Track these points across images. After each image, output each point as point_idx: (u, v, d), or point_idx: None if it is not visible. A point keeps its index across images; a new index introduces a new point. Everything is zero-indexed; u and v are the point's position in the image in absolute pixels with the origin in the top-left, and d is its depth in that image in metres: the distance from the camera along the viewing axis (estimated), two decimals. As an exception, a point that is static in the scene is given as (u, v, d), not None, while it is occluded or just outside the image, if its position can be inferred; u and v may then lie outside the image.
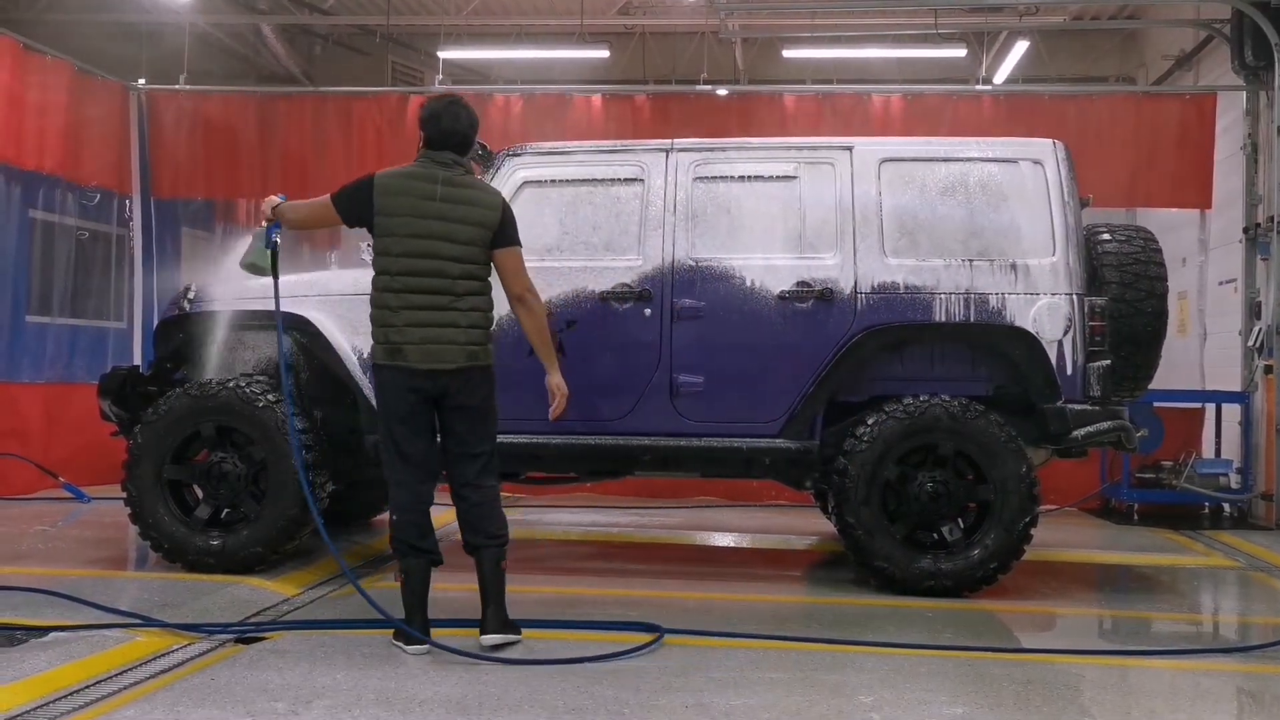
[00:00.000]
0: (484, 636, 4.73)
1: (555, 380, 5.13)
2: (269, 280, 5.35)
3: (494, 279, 4.96)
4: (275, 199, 5.19)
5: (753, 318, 6.12)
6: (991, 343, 6.18)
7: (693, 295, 6.16)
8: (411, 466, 4.86)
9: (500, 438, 6.15)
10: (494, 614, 4.77)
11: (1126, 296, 6.32)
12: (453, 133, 4.87)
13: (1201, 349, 11.16)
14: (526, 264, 6.18)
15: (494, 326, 4.98)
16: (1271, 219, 9.48)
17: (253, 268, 5.21)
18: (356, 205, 4.91)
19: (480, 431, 4.90)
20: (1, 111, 9.10)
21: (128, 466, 6.17)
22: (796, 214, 6.21)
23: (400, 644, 4.72)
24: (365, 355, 6.32)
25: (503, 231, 4.87)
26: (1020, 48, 12.43)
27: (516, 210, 6.27)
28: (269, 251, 5.14)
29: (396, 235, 4.78)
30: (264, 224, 5.17)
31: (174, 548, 6.09)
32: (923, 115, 10.30)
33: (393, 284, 4.78)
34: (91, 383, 7.17)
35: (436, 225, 4.77)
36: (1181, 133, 10.14)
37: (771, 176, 6.29)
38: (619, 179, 6.33)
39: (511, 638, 4.76)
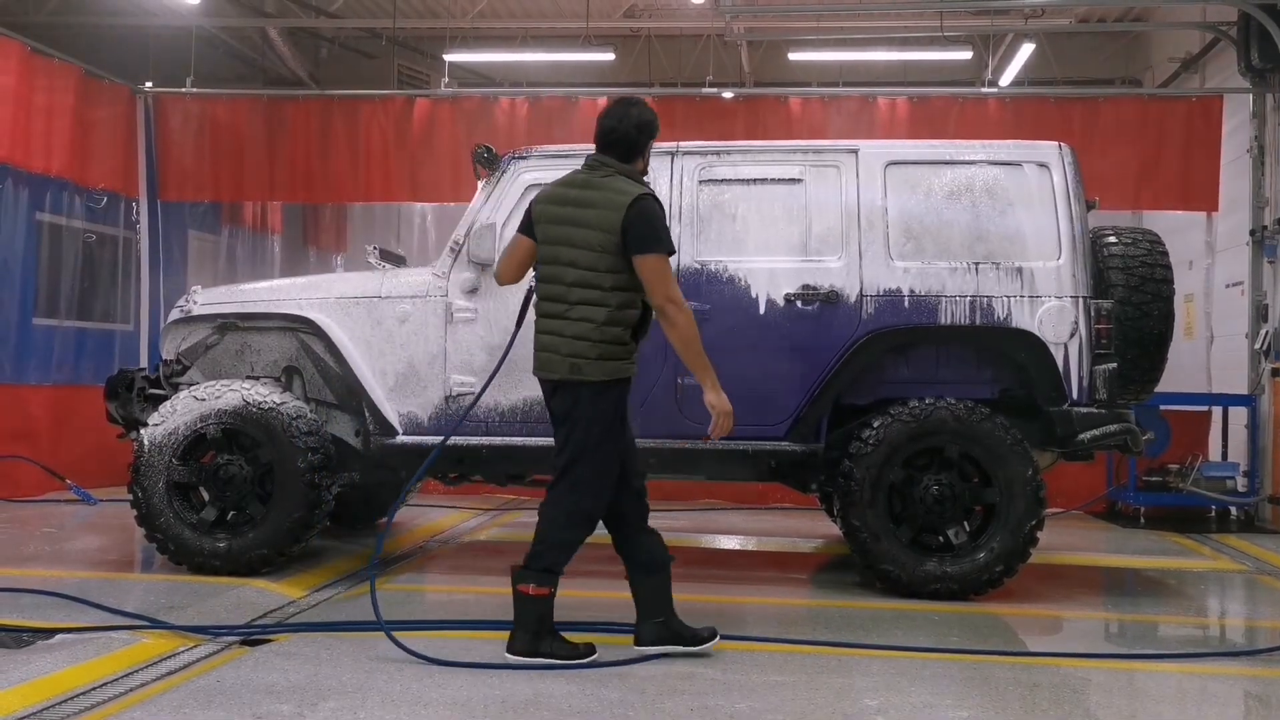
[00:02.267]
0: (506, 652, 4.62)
1: (710, 398, 4.69)
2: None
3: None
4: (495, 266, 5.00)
5: (758, 320, 6.12)
6: (997, 346, 6.17)
7: (698, 298, 6.15)
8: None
9: (507, 440, 6.21)
10: (513, 631, 4.62)
11: (1133, 299, 6.32)
12: (608, 131, 4.70)
13: (1208, 352, 11.14)
14: (533, 267, 6.26)
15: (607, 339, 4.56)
16: (1278, 221, 9.47)
17: None
18: (528, 221, 4.75)
19: (562, 447, 4.63)
20: (9, 114, 9.13)
21: (134, 468, 6.18)
22: (802, 217, 6.21)
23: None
24: (372, 357, 6.35)
25: (630, 236, 4.49)
26: (1026, 50, 12.41)
27: (520, 214, 6.31)
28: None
29: (538, 241, 4.68)
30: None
31: (180, 550, 6.10)
32: (928, 118, 10.30)
33: (535, 290, 4.73)
34: (98, 385, 7.18)
35: (559, 230, 4.61)
36: (1188, 135, 10.13)
37: (777, 179, 6.29)
38: (624, 182, 6.32)
39: (519, 660, 4.56)
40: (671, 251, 4.59)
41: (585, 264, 4.54)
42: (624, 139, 4.69)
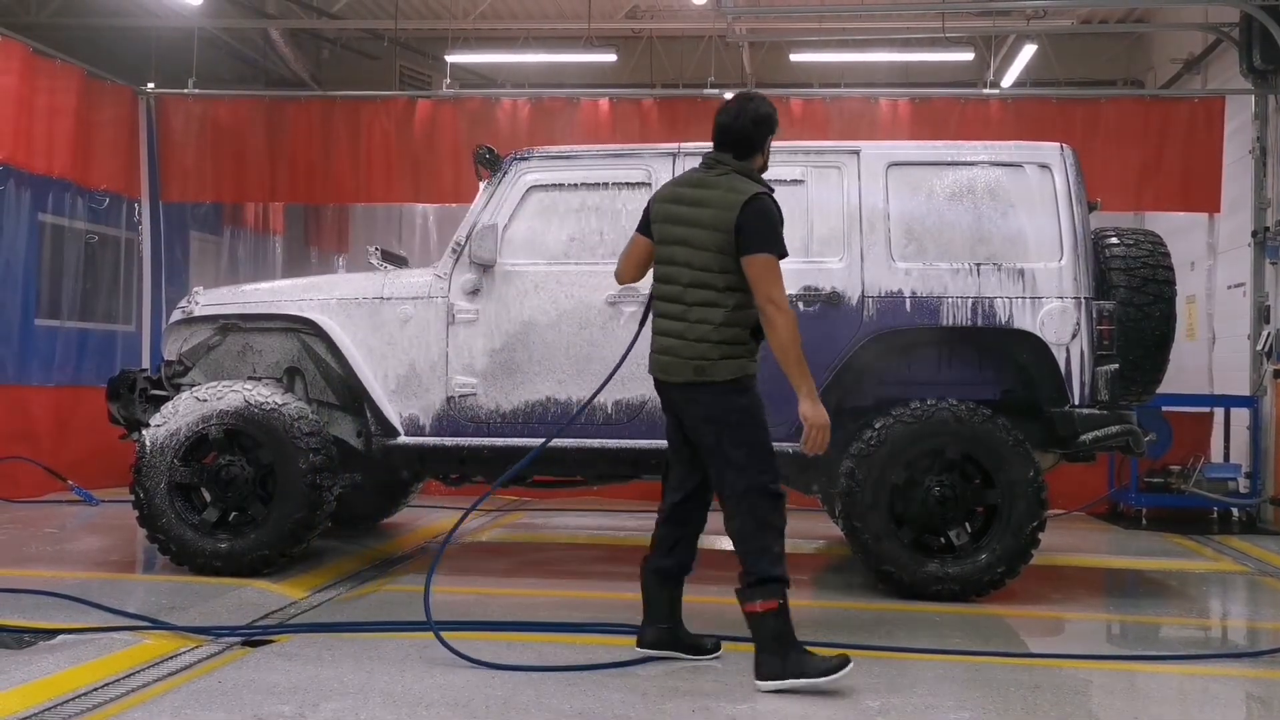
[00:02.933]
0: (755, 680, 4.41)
1: (805, 409, 4.38)
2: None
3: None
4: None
5: (760, 322, 6.12)
6: (999, 347, 6.17)
7: (700, 299, 6.16)
8: (669, 472, 4.72)
9: (509, 441, 6.22)
10: (756, 658, 4.38)
11: (1134, 300, 6.32)
12: (724, 128, 4.55)
13: (1210, 353, 11.13)
14: (536, 268, 6.27)
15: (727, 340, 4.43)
16: (1280, 223, 9.48)
17: None
18: (645, 220, 4.66)
19: (718, 452, 4.44)
20: (11, 116, 9.14)
21: (136, 469, 6.18)
22: (803, 218, 6.20)
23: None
24: (374, 359, 6.35)
25: (741, 235, 4.37)
26: (1028, 51, 12.42)
27: (523, 215, 6.34)
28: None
29: (655, 241, 4.60)
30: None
31: (182, 550, 6.11)
32: (930, 119, 10.30)
33: (652, 291, 4.64)
34: (100, 386, 7.19)
35: (674, 230, 4.52)
36: (1190, 136, 10.13)
37: (779, 180, 6.26)
38: (626, 183, 6.34)
39: (773, 685, 4.31)
40: (783, 254, 4.42)
41: (700, 264, 4.44)
42: (740, 135, 4.53)
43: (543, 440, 5.25)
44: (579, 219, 6.33)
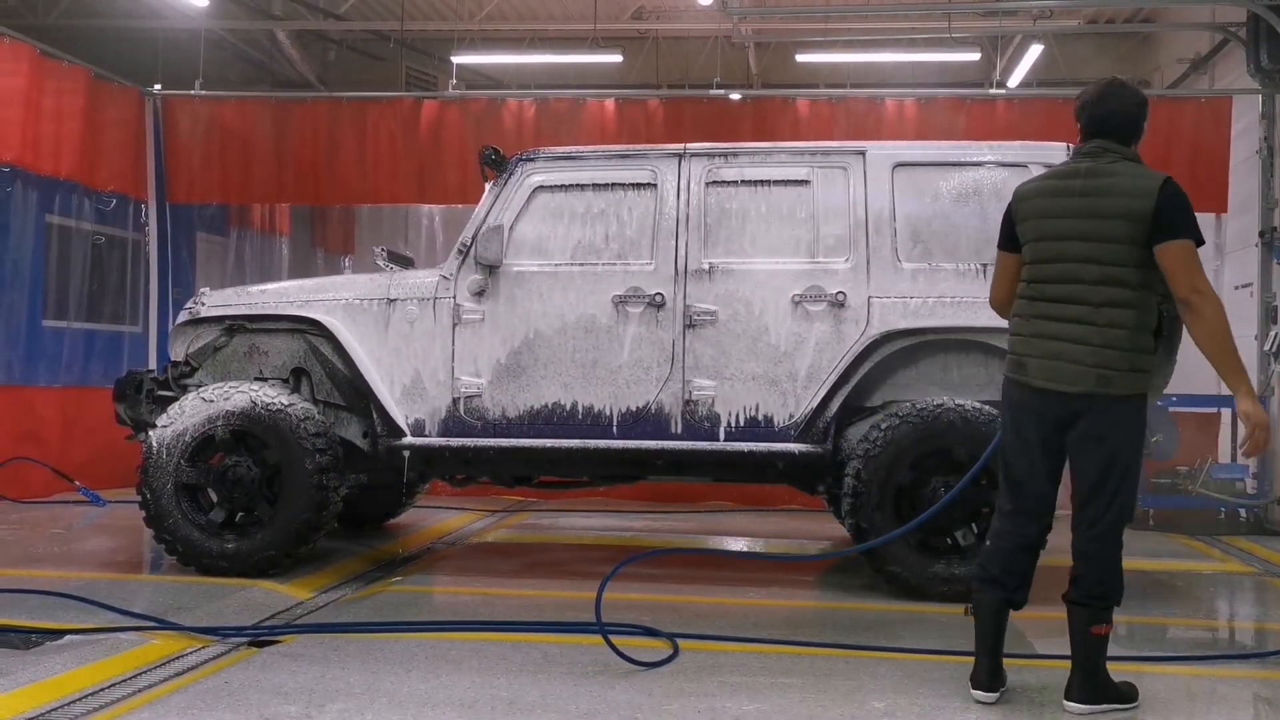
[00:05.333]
0: (1065, 701, 4.16)
1: (1245, 406, 4.03)
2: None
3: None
4: None
5: (765, 323, 6.12)
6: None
7: (705, 300, 6.17)
8: (1011, 490, 4.27)
9: (515, 441, 6.22)
10: (1075, 679, 4.14)
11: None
12: (1108, 116, 4.30)
13: (1217, 353, 11.10)
14: (543, 269, 6.28)
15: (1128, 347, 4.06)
16: (1287, 223, 9.45)
17: None
18: (1007, 229, 4.34)
19: (1100, 472, 4.08)
20: (19, 117, 9.17)
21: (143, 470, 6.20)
22: (809, 219, 6.21)
23: (972, 688, 4.26)
24: (380, 360, 6.36)
25: (1158, 222, 4.00)
26: (1034, 51, 12.40)
27: (529, 216, 6.35)
28: None
29: (1028, 241, 4.24)
30: None
31: (188, 551, 6.12)
32: (936, 119, 10.29)
33: (1025, 291, 4.24)
34: (107, 387, 7.21)
35: (1067, 224, 4.14)
36: (1196, 136, 10.10)
37: (784, 181, 6.29)
38: (632, 184, 6.34)
39: (1089, 708, 4.10)
40: (1201, 241, 4.09)
41: (1110, 259, 4.04)
42: (1128, 120, 4.30)
43: (980, 457, 4.95)
44: (585, 220, 6.33)
